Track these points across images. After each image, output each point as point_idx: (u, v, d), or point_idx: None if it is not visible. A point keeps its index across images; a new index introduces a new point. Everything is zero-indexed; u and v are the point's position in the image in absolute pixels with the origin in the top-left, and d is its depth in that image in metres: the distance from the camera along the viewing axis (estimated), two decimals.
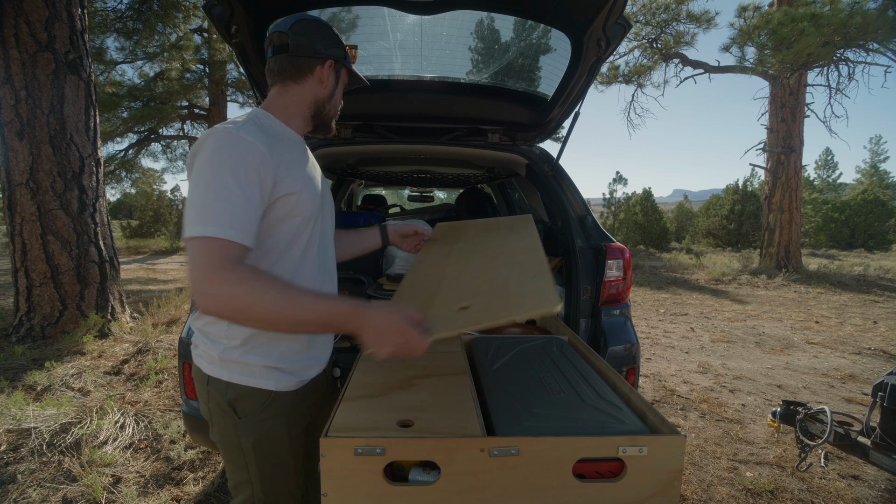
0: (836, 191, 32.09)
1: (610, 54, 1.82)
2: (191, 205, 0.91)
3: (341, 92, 1.20)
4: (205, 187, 0.91)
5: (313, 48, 1.11)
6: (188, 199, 0.92)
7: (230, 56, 12.72)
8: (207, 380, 1.10)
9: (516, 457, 0.78)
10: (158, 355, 3.83)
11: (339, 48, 1.14)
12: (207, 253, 0.87)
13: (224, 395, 1.08)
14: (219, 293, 0.86)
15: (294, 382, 1.13)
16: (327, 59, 1.12)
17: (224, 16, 1.64)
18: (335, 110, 1.20)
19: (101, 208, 4.66)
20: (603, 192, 23.09)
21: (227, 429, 1.10)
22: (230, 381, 1.07)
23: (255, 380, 1.08)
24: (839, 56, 10.08)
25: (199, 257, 0.87)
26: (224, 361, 1.07)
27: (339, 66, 1.16)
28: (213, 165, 0.92)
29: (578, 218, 2.17)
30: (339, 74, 1.17)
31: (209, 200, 0.90)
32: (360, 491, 0.78)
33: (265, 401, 1.09)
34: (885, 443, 1.86)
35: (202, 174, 0.92)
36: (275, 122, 1.11)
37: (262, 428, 1.09)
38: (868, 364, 4.41)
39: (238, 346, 1.06)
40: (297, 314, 0.88)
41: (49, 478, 2.21)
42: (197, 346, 1.14)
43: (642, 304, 7.50)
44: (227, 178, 0.91)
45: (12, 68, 4.11)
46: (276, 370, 1.09)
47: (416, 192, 5.79)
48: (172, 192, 22.77)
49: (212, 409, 1.11)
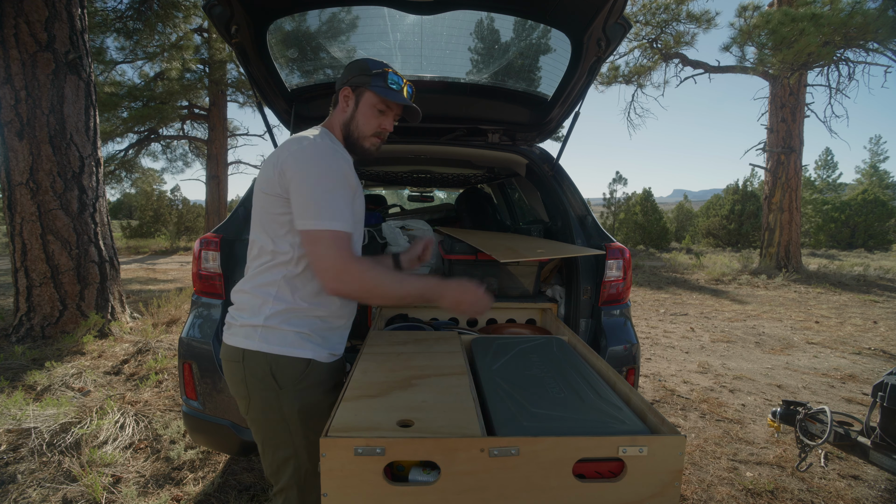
0: (836, 191, 32.07)
1: (610, 54, 1.82)
2: (311, 201, 1.11)
3: (368, 115, 1.30)
4: (323, 188, 1.12)
5: (341, 81, 1.33)
6: (305, 195, 1.11)
7: (230, 56, 12.72)
8: (243, 355, 1.17)
9: (516, 457, 0.78)
10: (158, 355, 3.82)
11: (364, 75, 1.27)
12: (338, 244, 1.11)
13: (264, 367, 1.16)
14: (354, 277, 1.11)
15: (326, 354, 1.24)
16: (346, 86, 1.29)
17: (224, 16, 1.64)
18: (360, 132, 1.31)
19: (101, 208, 4.66)
20: (603, 192, 23.10)
21: (269, 400, 1.17)
22: (269, 351, 1.16)
23: (294, 349, 1.17)
24: (839, 56, 10.08)
25: (333, 247, 1.10)
26: (265, 329, 1.17)
27: (359, 91, 1.29)
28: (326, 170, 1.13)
29: (578, 218, 2.17)
30: (361, 98, 1.29)
31: (331, 199, 1.12)
32: (360, 491, 0.78)
33: (304, 369, 1.18)
34: (885, 443, 1.86)
35: (318, 176, 1.12)
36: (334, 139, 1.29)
37: (304, 395, 1.18)
38: (868, 364, 4.40)
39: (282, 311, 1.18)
40: (406, 291, 1.16)
41: (49, 478, 2.21)
42: (232, 325, 1.23)
43: (642, 304, 7.50)
44: (337, 182, 1.14)
45: (12, 68, 4.11)
46: (310, 340, 1.20)
47: (416, 192, 5.78)
48: (172, 192, 22.76)
49: (250, 385, 1.17)
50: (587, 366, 1.28)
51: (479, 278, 2.10)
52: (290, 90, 2.25)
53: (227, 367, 1.22)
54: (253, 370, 1.17)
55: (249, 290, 1.22)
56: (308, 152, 1.14)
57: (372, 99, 1.29)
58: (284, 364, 1.16)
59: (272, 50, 1.98)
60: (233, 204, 17.66)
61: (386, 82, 1.28)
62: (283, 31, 1.98)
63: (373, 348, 1.37)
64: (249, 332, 1.18)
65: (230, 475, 2.28)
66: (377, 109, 1.30)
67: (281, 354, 1.16)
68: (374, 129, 1.32)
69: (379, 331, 1.62)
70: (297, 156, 1.14)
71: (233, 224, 1.96)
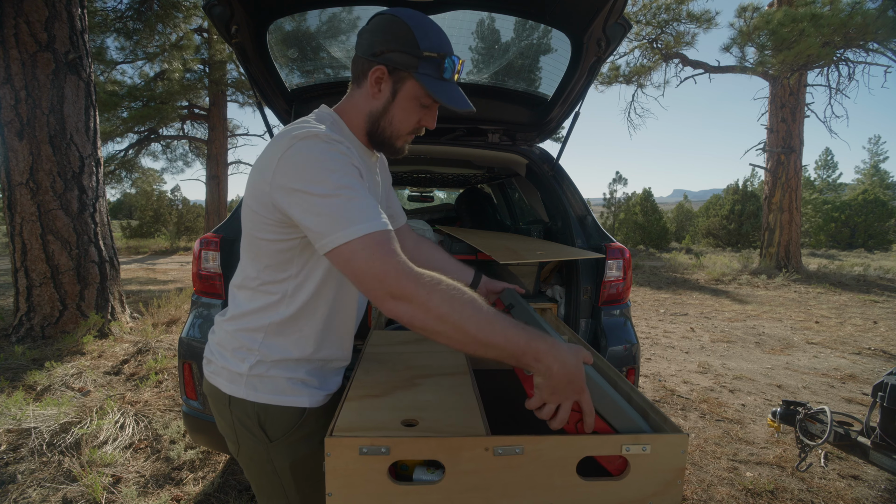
0: (836, 191, 32.13)
1: (610, 54, 1.82)
2: (328, 212, 0.81)
3: (408, 109, 0.98)
4: (337, 189, 0.82)
5: (371, 48, 0.94)
6: (319, 208, 0.81)
7: (230, 56, 12.72)
8: (229, 401, 0.99)
9: (520, 455, 0.78)
10: (158, 355, 3.82)
11: (410, 55, 0.92)
12: (382, 246, 0.79)
13: (252, 418, 0.98)
14: (412, 292, 0.77)
15: (323, 396, 1.04)
16: (379, 65, 0.93)
17: (224, 16, 1.64)
18: (394, 129, 0.99)
19: (101, 208, 4.66)
20: (603, 192, 23.15)
21: (258, 453, 1.01)
22: (257, 400, 0.97)
23: (285, 397, 0.98)
24: (839, 56, 10.10)
25: (377, 253, 0.78)
26: (251, 377, 0.97)
27: (400, 75, 0.94)
28: (325, 170, 0.83)
29: (578, 218, 2.17)
30: (401, 86, 0.95)
31: (351, 199, 0.81)
32: (364, 490, 0.78)
33: (298, 419, 0.99)
34: (885, 443, 1.86)
35: (326, 178, 0.82)
36: (344, 127, 1.00)
37: (297, 449, 1.00)
38: (868, 364, 4.41)
39: (270, 361, 0.97)
40: (491, 337, 0.78)
41: (49, 478, 2.21)
42: (213, 363, 1.04)
43: (642, 304, 7.50)
44: (344, 178, 0.83)
45: (12, 68, 4.10)
46: (305, 385, 1.01)
47: (416, 192, 5.79)
48: (172, 192, 22.78)
49: (238, 432, 1.01)
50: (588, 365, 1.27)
51: None
52: (290, 90, 2.25)
53: (213, 405, 1.04)
54: (240, 418, 0.99)
55: (231, 331, 1.01)
56: (304, 153, 0.84)
57: (416, 91, 0.95)
58: (275, 414, 0.98)
59: (272, 50, 1.98)
60: (233, 204, 17.66)
61: (441, 71, 0.94)
62: (283, 31, 1.98)
63: (375, 348, 1.37)
64: (234, 377, 0.99)
65: (230, 475, 2.28)
66: (420, 104, 0.98)
67: (270, 404, 0.97)
68: (414, 125, 1.01)
69: (380, 330, 1.62)
70: (291, 161, 0.84)
71: (233, 224, 1.96)
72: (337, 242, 0.80)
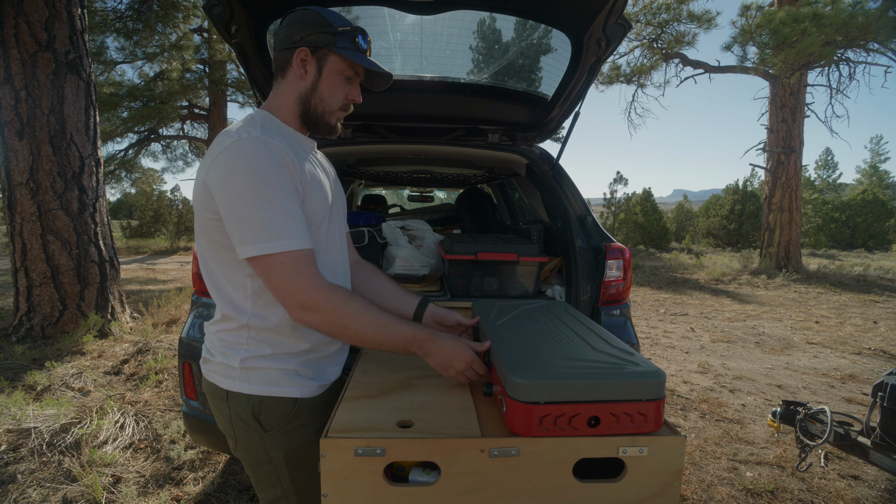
0: (836, 191, 32.08)
1: (610, 54, 1.82)
2: (249, 219, 0.89)
3: (334, 83, 1.06)
4: (261, 199, 0.90)
5: (290, 38, 1.03)
6: (242, 213, 0.90)
7: (230, 56, 12.72)
8: (226, 395, 1.04)
9: (516, 457, 0.78)
10: (158, 355, 3.82)
11: (326, 34, 1.02)
12: (298, 265, 0.91)
13: (247, 409, 1.03)
14: (322, 307, 0.93)
15: (316, 387, 1.09)
16: (301, 47, 1.03)
17: (224, 16, 1.64)
18: (325, 105, 1.07)
19: (101, 208, 4.66)
20: (603, 192, 23.09)
21: (254, 444, 1.05)
22: (252, 392, 1.02)
23: (279, 388, 1.03)
24: (840, 56, 10.08)
25: (292, 272, 0.91)
26: (244, 370, 1.02)
27: (322, 53, 1.03)
28: (257, 177, 0.90)
29: (578, 218, 2.17)
30: (325, 63, 1.04)
31: (275, 211, 0.90)
32: (360, 492, 0.78)
33: (291, 409, 1.04)
34: (885, 443, 1.86)
35: (251, 185, 0.90)
36: (278, 123, 1.06)
37: (291, 438, 1.04)
38: (868, 364, 4.40)
39: (265, 354, 1.03)
40: (385, 337, 0.98)
41: (49, 478, 2.21)
42: (210, 361, 1.08)
43: (642, 304, 7.50)
44: (276, 188, 0.91)
45: (12, 68, 4.11)
46: (298, 375, 1.05)
47: (416, 192, 5.79)
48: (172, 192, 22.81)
49: (235, 425, 1.06)
50: (592, 321, 1.26)
51: (479, 278, 2.10)
52: None
53: (212, 402, 1.09)
54: (236, 411, 1.04)
55: (216, 334, 1.07)
56: (232, 156, 0.91)
57: (338, 64, 1.05)
58: (268, 405, 1.03)
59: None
60: None
61: (355, 42, 1.04)
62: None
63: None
64: (229, 371, 1.04)
65: (230, 475, 2.28)
66: (344, 77, 1.07)
67: (264, 395, 1.02)
68: (342, 100, 1.09)
69: None
70: (221, 162, 0.92)
71: None
72: (258, 252, 0.90)
